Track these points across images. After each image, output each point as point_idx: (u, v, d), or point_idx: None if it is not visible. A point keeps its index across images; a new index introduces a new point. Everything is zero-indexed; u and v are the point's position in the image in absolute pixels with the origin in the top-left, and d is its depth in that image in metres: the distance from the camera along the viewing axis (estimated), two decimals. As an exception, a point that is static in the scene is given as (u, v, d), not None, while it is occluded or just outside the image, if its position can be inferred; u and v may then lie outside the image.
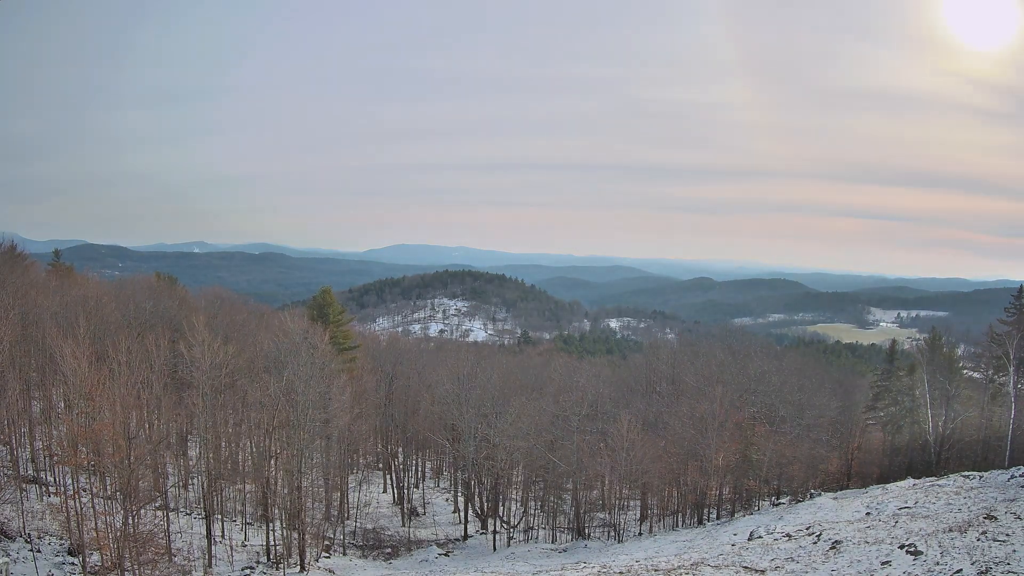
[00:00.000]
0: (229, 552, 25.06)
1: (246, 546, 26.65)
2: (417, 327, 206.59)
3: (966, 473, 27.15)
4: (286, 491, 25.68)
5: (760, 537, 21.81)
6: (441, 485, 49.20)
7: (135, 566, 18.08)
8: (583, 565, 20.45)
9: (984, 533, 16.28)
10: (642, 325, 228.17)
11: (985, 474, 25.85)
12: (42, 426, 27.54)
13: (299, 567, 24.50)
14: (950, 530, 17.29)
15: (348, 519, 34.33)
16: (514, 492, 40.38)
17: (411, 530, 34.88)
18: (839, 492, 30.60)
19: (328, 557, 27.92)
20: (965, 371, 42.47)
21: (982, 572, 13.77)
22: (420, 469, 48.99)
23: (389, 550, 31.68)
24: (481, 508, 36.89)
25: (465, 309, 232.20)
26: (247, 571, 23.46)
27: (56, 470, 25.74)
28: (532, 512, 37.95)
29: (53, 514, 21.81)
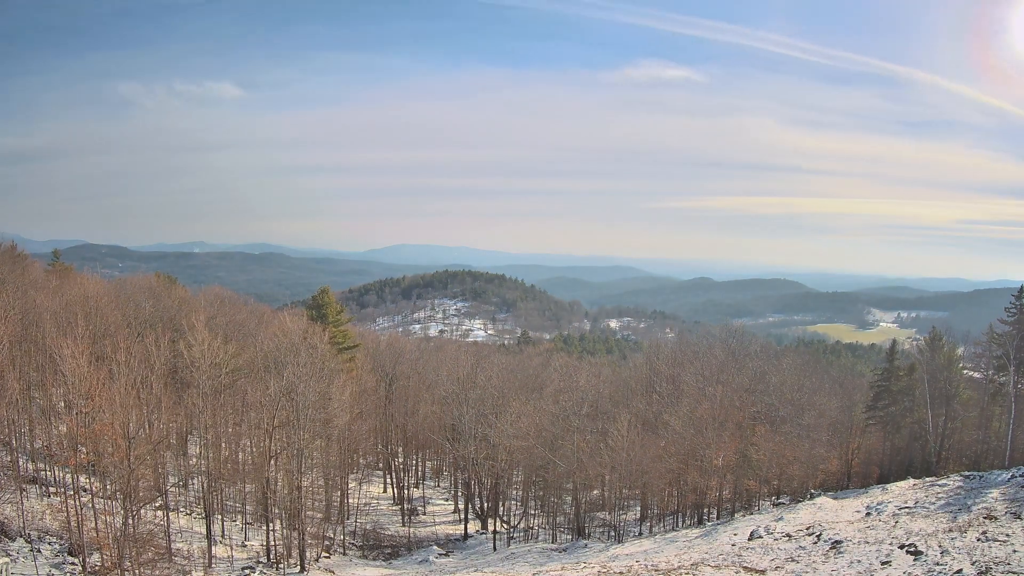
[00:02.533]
0: (229, 552, 25.05)
1: (246, 546, 26.63)
2: (417, 327, 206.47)
3: (966, 473, 27.14)
4: (286, 491, 25.68)
5: (760, 537, 21.80)
6: (441, 485, 49.18)
7: (135, 566, 18.07)
8: (583, 565, 20.44)
9: (984, 533, 16.28)
10: (642, 325, 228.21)
11: (985, 474, 25.83)
12: (42, 426, 27.50)
13: (299, 567, 24.50)
14: (950, 530, 17.29)
15: (348, 519, 34.30)
16: (514, 492, 40.37)
17: (411, 530, 34.86)
18: (839, 492, 30.63)
19: (328, 557, 27.91)
20: (965, 371, 42.40)
21: (982, 572, 13.77)
22: (420, 469, 48.97)
23: (389, 550, 31.67)
24: (481, 508, 36.88)
25: (465, 309, 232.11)
26: (247, 571, 23.44)
27: (56, 470, 25.72)
28: (532, 512, 37.93)
29: (53, 514, 21.79)
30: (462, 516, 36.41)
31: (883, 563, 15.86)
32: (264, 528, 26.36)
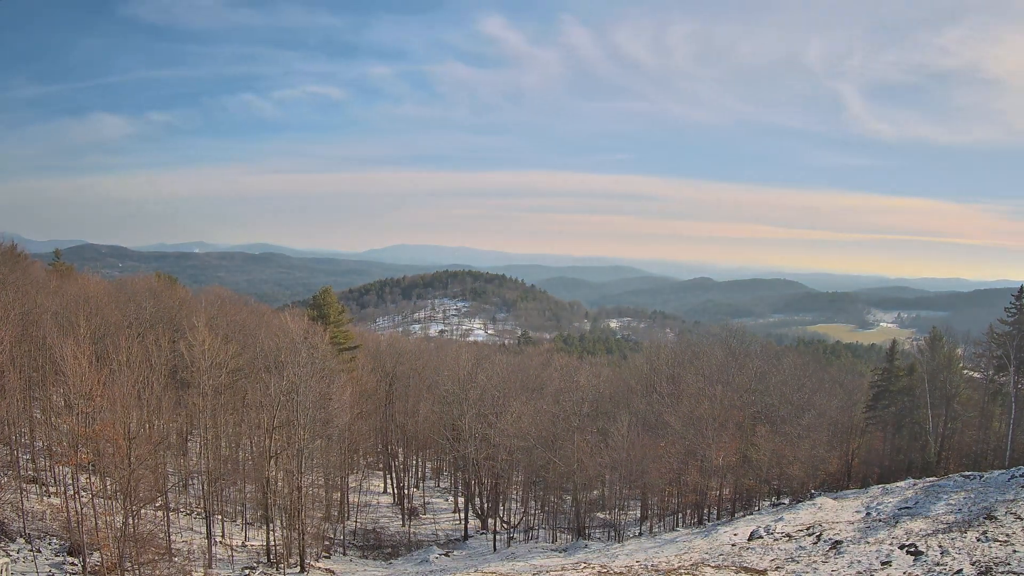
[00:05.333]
0: (229, 552, 25.06)
1: (246, 546, 26.64)
2: (417, 327, 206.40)
3: (966, 473, 27.12)
4: (286, 491, 25.67)
5: (760, 537, 21.79)
6: (441, 485, 49.20)
7: (135, 566, 18.08)
8: (583, 565, 20.41)
9: (984, 533, 16.27)
10: (642, 325, 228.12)
11: (985, 474, 25.81)
12: (42, 426, 27.51)
13: (299, 567, 24.50)
14: (950, 530, 17.27)
15: (348, 519, 34.33)
16: (514, 492, 40.36)
17: (411, 530, 34.87)
18: (839, 492, 30.57)
19: (328, 557, 27.93)
20: (965, 371, 42.44)
21: (982, 572, 13.76)
22: (420, 469, 48.98)
23: (389, 550, 31.68)
24: (481, 508, 36.88)
25: (465, 309, 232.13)
26: (247, 571, 23.44)
27: (56, 470, 25.73)
28: (532, 512, 37.93)
29: (53, 514, 21.81)
30: (462, 516, 36.40)
31: (883, 563, 15.85)
32: (264, 528, 26.37)
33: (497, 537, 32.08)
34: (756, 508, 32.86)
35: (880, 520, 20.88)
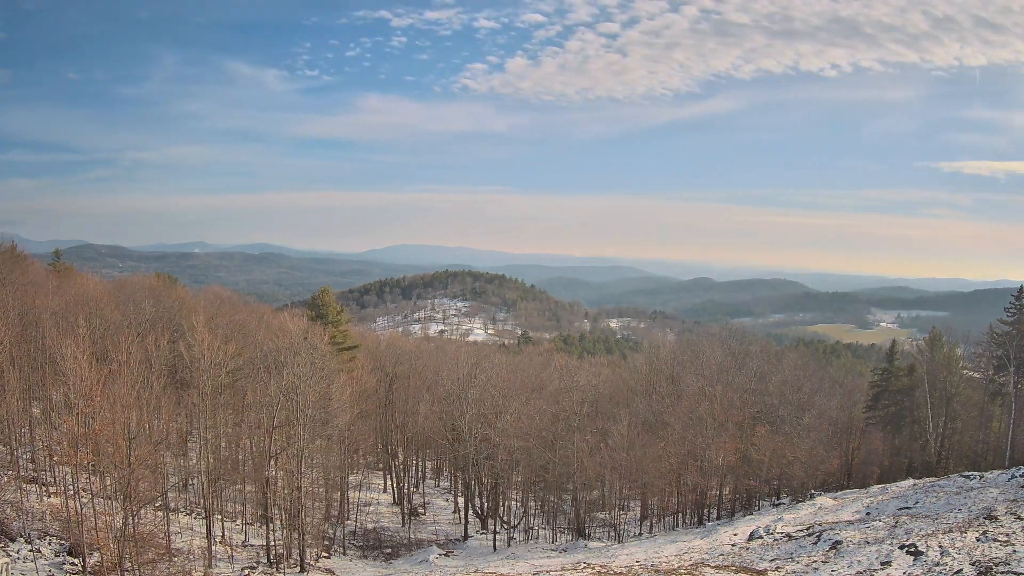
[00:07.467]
0: (229, 552, 25.06)
1: (246, 546, 26.64)
2: (417, 327, 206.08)
3: (966, 473, 27.15)
4: (286, 491, 25.69)
5: (760, 537, 21.80)
6: (441, 485, 49.20)
7: (135, 566, 18.08)
8: (583, 565, 20.41)
9: (984, 533, 16.25)
10: (642, 325, 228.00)
11: (985, 474, 25.84)
12: (42, 426, 27.51)
13: (299, 567, 24.51)
14: (950, 530, 17.26)
15: (348, 519, 34.32)
16: (514, 492, 40.37)
17: (411, 530, 34.87)
18: (839, 492, 30.62)
19: (328, 557, 27.93)
20: (965, 371, 42.48)
21: (982, 572, 13.74)
22: (420, 469, 48.97)
23: (389, 550, 31.68)
24: (481, 508, 36.89)
25: (465, 309, 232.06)
26: (247, 571, 23.45)
27: (56, 470, 25.73)
28: (532, 512, 37.94)
29: (53, 514, 21.80)
30: (462, 516, 36.41)
31: (883, 563, 15.83)
32: (264, 528, 26.37)
33: (497, 537, 32.10)
34: (756, 508, 32.90)
35: (880, 520, 20.87)
